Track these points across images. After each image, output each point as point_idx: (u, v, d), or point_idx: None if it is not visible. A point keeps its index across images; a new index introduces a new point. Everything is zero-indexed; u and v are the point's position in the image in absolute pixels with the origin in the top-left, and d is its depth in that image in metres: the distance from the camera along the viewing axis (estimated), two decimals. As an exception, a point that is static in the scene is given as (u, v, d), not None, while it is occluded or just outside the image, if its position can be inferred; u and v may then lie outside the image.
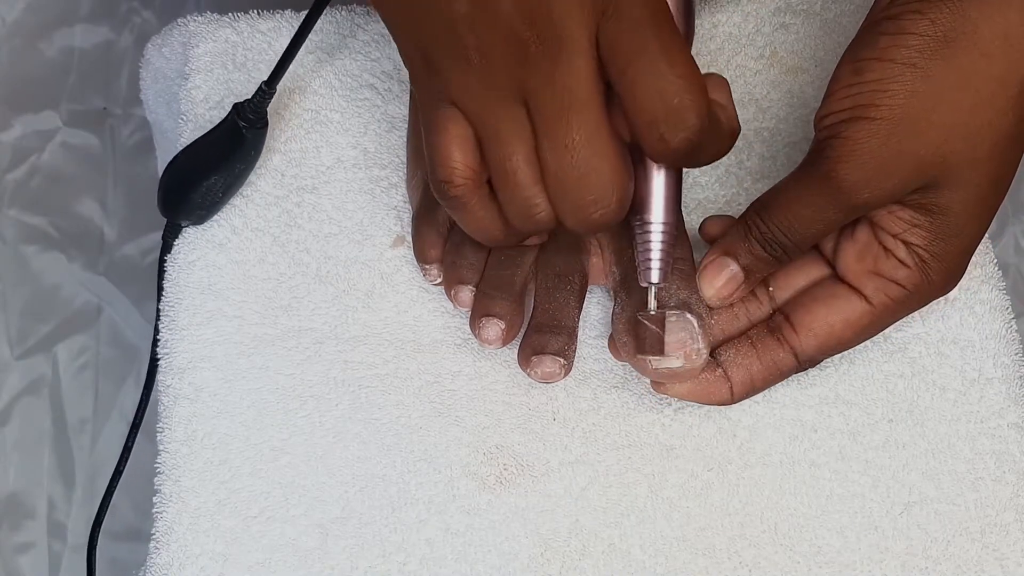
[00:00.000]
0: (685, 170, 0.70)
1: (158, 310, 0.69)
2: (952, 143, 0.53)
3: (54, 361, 1.10)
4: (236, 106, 0.67)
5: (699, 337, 0.60)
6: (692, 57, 0.50)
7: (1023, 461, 0.64)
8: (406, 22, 0.53)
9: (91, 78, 1.18)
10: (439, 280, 0.66)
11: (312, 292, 0.68)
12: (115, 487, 0.70)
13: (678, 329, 0.60)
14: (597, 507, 0.63)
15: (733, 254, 0.60)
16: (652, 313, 0.59)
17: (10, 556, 1.06)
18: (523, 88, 0.50)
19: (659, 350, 0.59)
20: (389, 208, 0.70)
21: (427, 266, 0.66)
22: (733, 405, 0.63)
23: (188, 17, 0.76)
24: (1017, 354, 0.66)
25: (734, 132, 0.53)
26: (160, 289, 0.69)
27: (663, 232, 0.56)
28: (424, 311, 0.68)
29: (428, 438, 0.64)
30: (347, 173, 0.71)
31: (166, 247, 0.70)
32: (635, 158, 0.54)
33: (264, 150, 0.70)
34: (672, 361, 0.60)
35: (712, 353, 0.62)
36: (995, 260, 0.69)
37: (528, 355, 0.63)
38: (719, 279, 0.60)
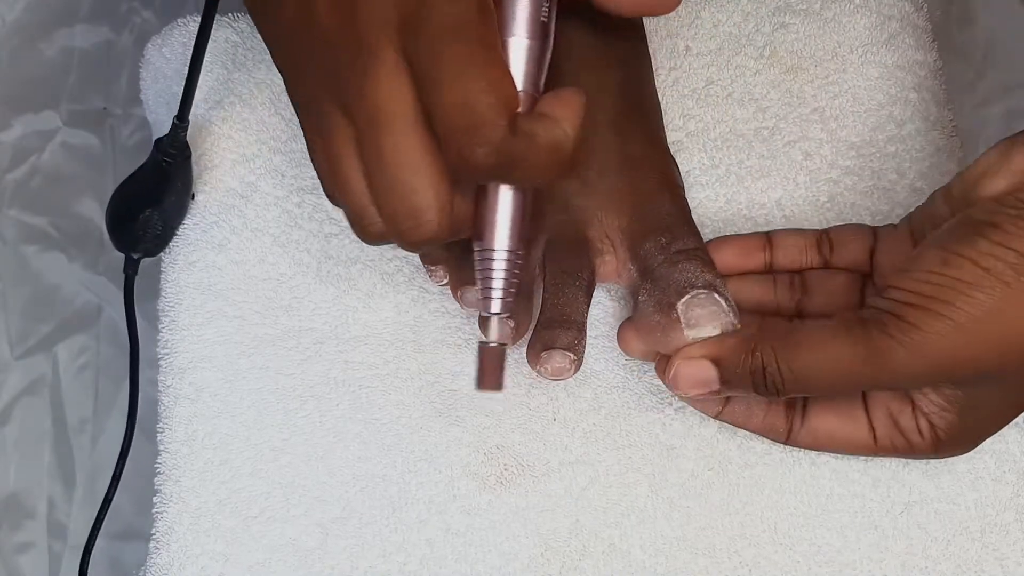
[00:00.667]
0: (685, 168, 0.70)
1: (131, 332, 0.70)
2: (1014, 355, 0.52)
3: (54, 361, 1.09)
4: (156, 142, 0.68)
5: (732, 312, 0.60)
6: (504, 68, 0.48)
7: (1023, 460, 0.64)
8: (265, 33, 0.53)
9: (91, 78, 1.17)
10: (444, 281, 0.66)
11: (312, 292, 0.68)
12: (113, 493, 0.70)
13: (709, 303, 0.60)
14: (597, 507, 0.63)
15: (721, 366, 0.58)
16: (491, 345, 0.56)
17: (10, 556, 1.06)
18: (341, 99, 0.49)
19: (497, 384, 0.56)
20: (389, 208, 0.70)
21: (432, 267, 0.66)
22: None
23: (188, 17, 0.76)
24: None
25: (557, 148, 0.49)
26: (130, 316, 0.71)
27: (505, 260, 0.53)
28: (425, 311, 0.68)
29: (428, 438, 0.64)
30: (347, 173, 0.71)
31: (128, 280, 0.71)
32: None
33: (265, 151, 0.70)
34: (708, 331, 0.59)
35: None
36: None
37: (538, 351, 0.62)
38: (693, 382, 0.59)
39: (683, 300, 0.60)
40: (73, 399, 1.09)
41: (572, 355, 0.62)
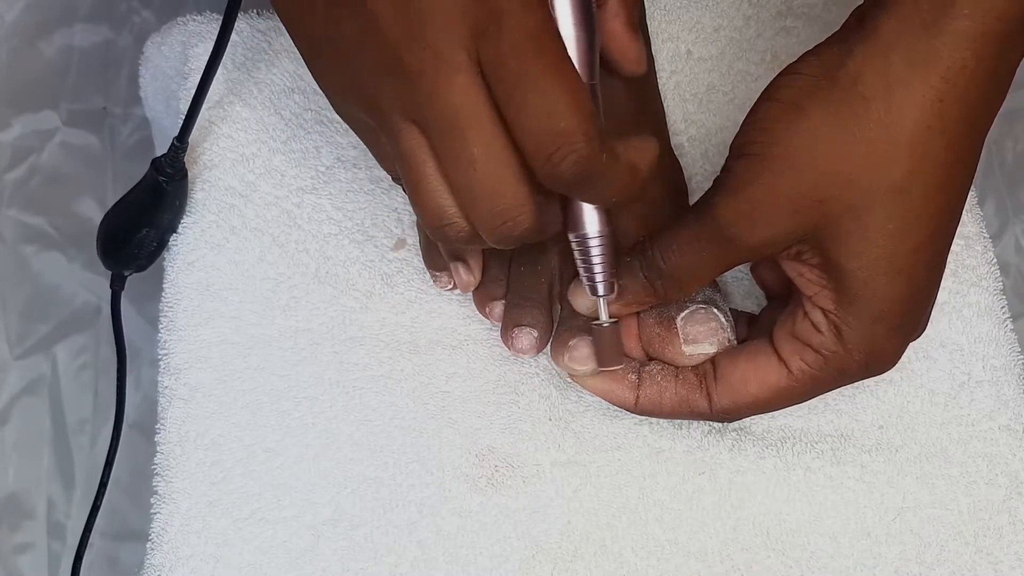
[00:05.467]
0: (686, 174, 0.70)
1: (119, 344, 0.72)
2: (829, 188, 0.52)
3: (53, 361, 1.09)
4: (154, 161, 0.68)
5: (729, 328, 0.61)
6: (581, 81, 0.48)
7: (1015, 463, 0.64)
8: (305, 48, 0.54)
9: (91, 78, 1.17)
10: (450, 286, 0.66)
11: (311, 293, 0.68)
12: (104, 492, 0.71)
13: (707, 320, 0.61)
14: (589, 509, 0.63)
15: (618, 273, 0.59)
16: (605, 325, 0.59)
17: (10, 556, 1.06)
18: (411, 108, 0.49)
19: (617, 360, 0.59)
20: (390, 209, 0.70)
21: (437, 273, 0.66)
22: None
23: (187, 16, 0.76)
24: (1009, 356, 0.66)
25: (635, 171, 0.51)
26: (119, 336, 0.72)
27: (600, 244, 0.56)
28: (421, 312, 0.67)
29: (420, 440, 0.64)
30: (347, 173, 0.71)
31: (115, 296, 0.72)
32: None
33: (265, 150, 0.70)
34: (706, 347, 0.61)
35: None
36: (992, 261, 0.69)
37: (510, 327, 0.64)
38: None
39: (682, 315, 0.61)
40: (72, 399, 1.09)
41: (536, 332, 0.63)
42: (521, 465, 0.64)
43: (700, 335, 0.61)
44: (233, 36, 0.74)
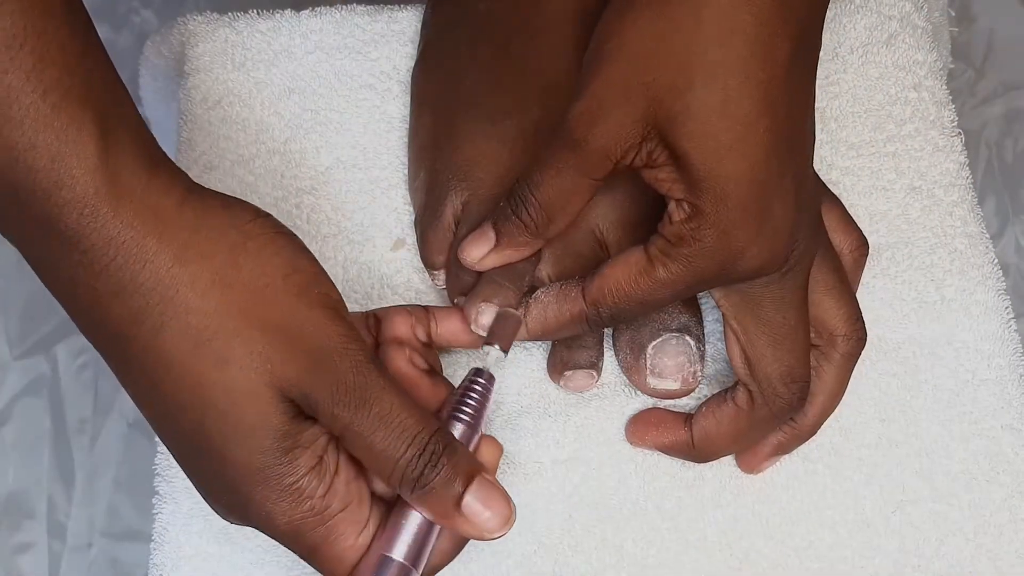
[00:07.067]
0: None
1: None
2: (651, 70, 0.52)
3: (53, 361, 1.10)
4: None
5: (696, 360, 0.62)
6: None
7: (1017, 462, 0.64)
8: None
9: (90, 78, 1.18)
10: (443, 286, 0.66)
11: (309, 294, 0.67)
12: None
13: (677, 353, 0.61)
14: (590, 503, 0.63)
15: (492, 219, 0.59)
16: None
17: (10, 556, 1.06)
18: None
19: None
20: (389, 210, 0.70)
21: (435, 272, 0.66)
22: None
23: (187, 16, 0.76)
24: (1013, 355, 0.66)
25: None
26: None
27: None
28: (420, 311, 0.67)
29: (421, 437, 0.64)
30: (346, 174, 0.70)
31: None
32: None
33: (264, 151, 0.70)
34: (670, 383, 0.62)
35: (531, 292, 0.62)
36: (994, 260, 0.68)
37: (560, 369, 0.64)
38: (478, 245, 0.60)
39: (653, 344, 0.62)
40: (72, 399, 1.09)
41: (594, 372, 0.64)
42: (523, 462, 0.64)
43: (667, 369, 0.62)
44: (233, 36, 0.74)
